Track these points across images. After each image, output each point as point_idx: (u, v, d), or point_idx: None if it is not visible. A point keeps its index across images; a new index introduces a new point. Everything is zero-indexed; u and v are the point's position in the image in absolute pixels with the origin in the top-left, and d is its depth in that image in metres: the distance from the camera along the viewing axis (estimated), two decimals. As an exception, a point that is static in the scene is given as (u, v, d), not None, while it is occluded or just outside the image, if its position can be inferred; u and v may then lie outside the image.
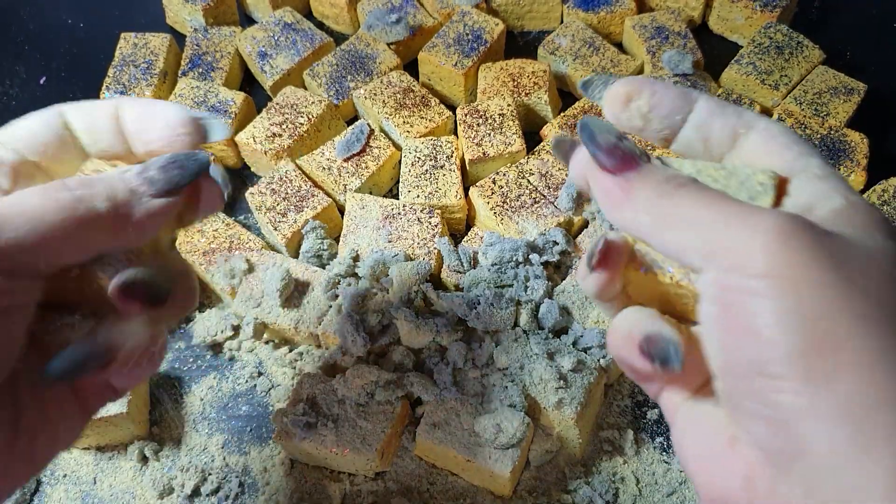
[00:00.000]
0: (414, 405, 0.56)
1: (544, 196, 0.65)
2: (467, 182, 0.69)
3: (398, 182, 0.67)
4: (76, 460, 0.56)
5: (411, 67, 0.78)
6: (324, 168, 0.68)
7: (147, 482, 0.54)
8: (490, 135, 0.68)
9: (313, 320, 0.58)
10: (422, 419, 0.53)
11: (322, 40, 0.77)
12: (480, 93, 0.73)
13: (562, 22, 0.82)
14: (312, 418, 0.52)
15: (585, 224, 0.65)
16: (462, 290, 0.60)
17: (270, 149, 0.68)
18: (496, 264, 0.60)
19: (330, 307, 0.58)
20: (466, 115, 0.70)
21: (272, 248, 0.65)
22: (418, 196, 0.65)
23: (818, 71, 0.73)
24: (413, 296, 0.57)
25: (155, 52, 0.76)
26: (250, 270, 0.61)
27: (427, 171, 0.66)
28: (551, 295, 0.59)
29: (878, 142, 0.69)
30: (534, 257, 0.60)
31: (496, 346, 0.55)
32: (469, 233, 0.65)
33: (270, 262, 0.61)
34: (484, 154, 0.67)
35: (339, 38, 0.82)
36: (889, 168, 0.68)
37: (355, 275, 0.60)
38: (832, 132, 0.68)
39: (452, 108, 0.73)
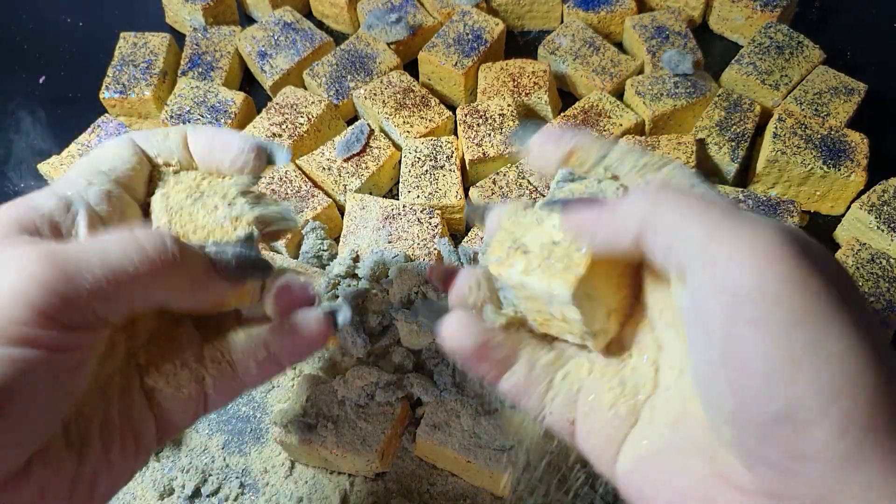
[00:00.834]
0: (414, 406, 0.56)
1: (544, 196, 0.64)
2: (467, 182, 0.69)
3: (398, 182, 0.67)
4: (76, 461, 0.56)
5: (411, 67, 0.78)
6: (324, 168, 0.68)
7: (147, 482, 0.54)
8: (490, 135, 0.68)
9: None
10: (422, 420, 0.53)
11: (322, 40, 0.77)
12: (480, 93, 0.73)
13: (562, 22, 0.82)
14: (312, 419, 0.52)
15: (585, 224, 0.65)
16: (462, 291, 0.60)
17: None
18: (496, 265, 0.59)
19: (330, 308, 0.58)
20: (466, 116, 0.70)
21: (272, 249, 0.65)
22: (418, 196, 0.65)
23: (818, 71, 0.73)
24: (413, 297, 0.57)
25: (154, 52, 0.76)
26: (250, 271, 0.61)
27: (427, 172, 0.66)
28: (551, 295, 0.59)
29: (879, 142, 0.69)
30: (534, 258, 0.60)
31: (496, 347, 0.55)
32: (469, 233, 0.65)
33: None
34: (484, 154, 0.67)
35: (339, 38, 0.81)
36: (889, 168, 0.68)
37: (355, 275, 0.60)
38: (832, 132, 0.68)
39: (452, 108, 0.73)
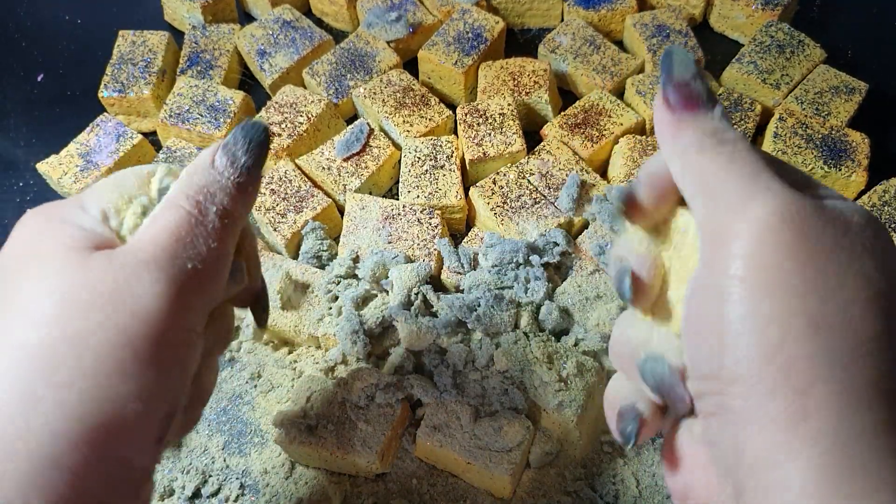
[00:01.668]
0: (414, 407, 0.56)
1: (545, 196, 0.64)
2: (467, 182, 0.69)
3: (398, 182, 0.67)
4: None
5: (411, 66, 0.77)
6: (323, 168, 0.67)
7: (147, 484, 0.54)
8: (490, 134, 0.68)
9: (313, 322, 0.58)
10: (422, 421, 0.53)
11: (321, 38, 0.77)
12: (480, 92, 0.73)
13: (562, 20, 0.82)
14: (312, 420, 0.52)
15: (586, 225, 0.65)
16: (462, 292, 0.60)
17: (269, 148, 0.68)
18: (496, 265, 0.59)
19: (330, 309, 0.58)
20: (466, 115, 0.69)
21: (272, 249, 0.65)
22: (418, 196, 0.65)
23: (819, 70, 0.73)
24: (413, 298, 0.57)
25: (153, 50, 0.76)
26: (250, 271, 0.60)
27: (427, 171, 0.66)
28: (552, 296, 0.59)
29: (880, 141, 0.68)
30: (534, 258, 0.60)
31: (496, 348, 0.55)
32: (469, 233, 0.65)
33: (270, 264, 0.60)
34: (484, 154, 0.67)
35: (339, 36, 0.81)
36: (890, 168, 0.67)
37: (355, 276, 0.60)
38: (833, 132, 0.67)
39: (452, 107, 0.73)
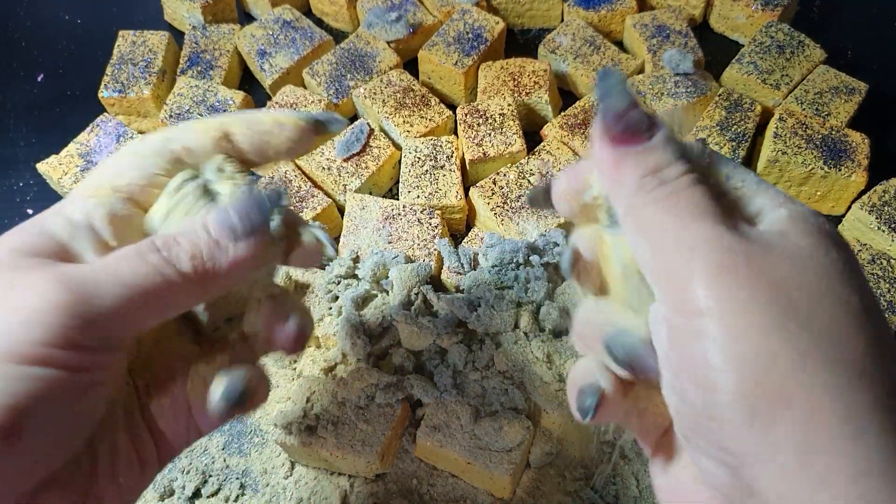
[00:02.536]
0: (414, 407, 0.56)
1: (545, 196, 0.64)
2: (467, 182, 0.69)
3: (398, 182, 0.67)
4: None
5: (411, 66, 0.77)
6: (323, 168, 0.67)
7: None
8: (490, 135, 0.68)
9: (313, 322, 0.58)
10: (422, 421, 0.53)
11: (321, 38, 0.77)
12: (481, 92, 0.73)
13: (562, 20, 0.82)
14: (312, 421, 0.52)
15: (586, 225, 0.65)
16: (462, 292, 0.59)
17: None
18: (496, 265, 0.59)
19: (330, 309, 0.58)
20: (467, 115, 0.69)
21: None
22: (418, 196, 0.65)
23: (819, 70, 0.73)
24: (413, 298, 0.57)
25: (153, 51, 0.76)
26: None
27: (427, 172, 0.66)
28: (552, 296, 0.59)
29: (880, 142, 0.68)
30: (534, 258, 0.60)
31: (497, 348, 0.55)
32: (469, 233, 0.65)
33: (270, 263, 0.60)
34: (484, 154, 0.67)
35: (339, 36, 0.81)
36: (890, 168, 0.67)
37: (355, 276, 0.60)
38: (833, 132, 0.67)
39: (452, 108, 0.73)
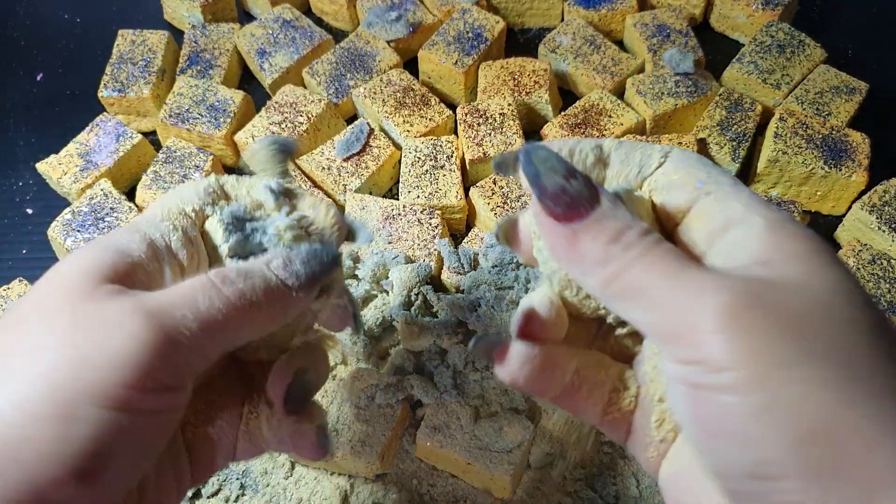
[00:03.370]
0: (414, 407, 0.56)
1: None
2: (468, 182, 0.69)
3: (398, 182, 0.67)
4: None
5: (411, 65, 0.77)
6: (323, 168, 0.67)
7: (147, 484, 0.54)
8: (490, 134, 0.68)
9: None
10: (422, 422, 0.53)
11: (321, 38, 0.77)
12: (481, 91, 0.73)
13: (562, 19, 0.81)
14: (313, 421, 0.52)
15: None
16: (462, 292, 0.59)
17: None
18: (497, 266, 0.59)
19: (330, 309, 0.58)
20: (467, 115, 0.69)
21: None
22: (418, 196, 0.65)
23: (820, 70, 0.73)
24: (413, 298, 0.57)
25: (153, 50, 0.75)
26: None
27: (427, 171, 0.66)
28: (552, 296, 0.59)
29: (880, 142, 0.68)
30: (534, 259, 0.60)
31: (497, 349, 0.55)
32: (469, 233, 0.65)
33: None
34: (484, 154, 0.67)
35: (339, 36, 0.81)
36: (891, 168, 0.67)
37: (355, 276, 0.60)
38: (833, 132, 0.67)
39: (452, 107, 0.73)
